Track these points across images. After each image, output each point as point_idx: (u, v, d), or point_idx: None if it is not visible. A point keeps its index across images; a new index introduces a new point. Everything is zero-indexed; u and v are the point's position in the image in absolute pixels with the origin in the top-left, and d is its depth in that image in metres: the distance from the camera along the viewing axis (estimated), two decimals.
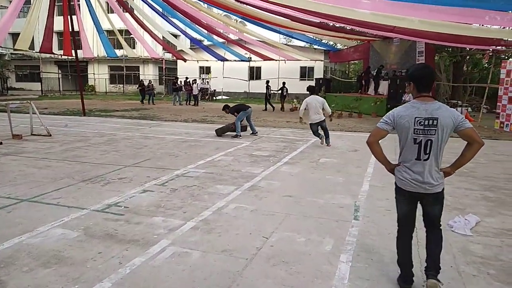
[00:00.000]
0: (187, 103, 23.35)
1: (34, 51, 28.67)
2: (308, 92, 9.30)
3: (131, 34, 26.48)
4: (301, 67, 29.83)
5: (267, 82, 21.49)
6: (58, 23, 21.97)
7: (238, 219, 4.39)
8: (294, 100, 21.79)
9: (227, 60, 27.17)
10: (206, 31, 27.35)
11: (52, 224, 4.12)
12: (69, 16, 16.99)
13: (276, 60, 26.72)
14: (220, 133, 10.54)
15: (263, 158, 7.74)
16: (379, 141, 2.94)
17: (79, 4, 24.64)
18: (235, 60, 27.24)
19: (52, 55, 30.57)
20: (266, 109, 20.34)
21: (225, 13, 21.90)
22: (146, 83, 24.81)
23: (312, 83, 24.66)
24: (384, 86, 18.25)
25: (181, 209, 4.66)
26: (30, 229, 4.00)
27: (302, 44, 28.61)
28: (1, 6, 19.43)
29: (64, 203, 4.82)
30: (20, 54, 34.03)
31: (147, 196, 5.15)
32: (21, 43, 22.52)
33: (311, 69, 29.68)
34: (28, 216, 4.35)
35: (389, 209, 4.72)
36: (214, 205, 4.84)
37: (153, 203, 4.88)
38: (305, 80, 29.72)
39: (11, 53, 34.64)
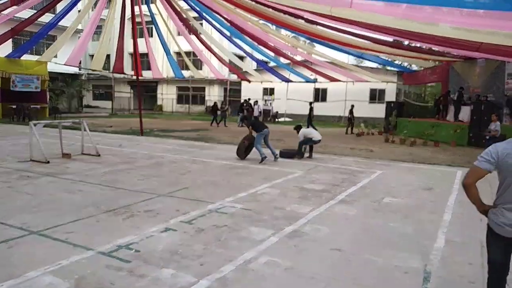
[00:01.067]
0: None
1: (108, 71, 30.41)
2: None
3: (198, 56, 26.95)
4: (371, 89, 28.15)
5: (310, 103, 21.03)
6: (141, 46, 22.94)
7: (266, 281, 3.39)
8: (362, 124, 20.28)
9: (291, 81, 26.44)
10: (273, 54, 27.06)
11: (45, 269, 3.45)
12: (141, 39, 17.38)
13: (344, 82, 25.42)
14: (241, 155, 9.98)
15: (315, 193, 6.65)
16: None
17: (148, 28, 25.76)
18: (299, 82, 26.43)
19: (125, 75, 32.32)
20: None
21: (294, 34, 21.38)
22: (214, 104, 24.63)
23: (383, 106, 23.02)
24: (465, 112, 16.14)
25: (199, 259, 3.77)
26: (18, 273, 3.36)
27: (373, 65, 27.05)
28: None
29: (72, 239, 4.18)
30: (97, 74, 36.35)
31: (166, 237, 4.35)
32: (95, 64, 23.83)
33: (382, 91, 27.86)
34: (26, 255, 3.75)
35: (473, 282, 3.45)
36: (241, 256, 3.88)
37: (170, 247, 4.06)
38: (375, 102, 27.96)
39: (88, 73, 37.15)
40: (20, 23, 18.30)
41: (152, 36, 31.24)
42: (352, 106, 20.58)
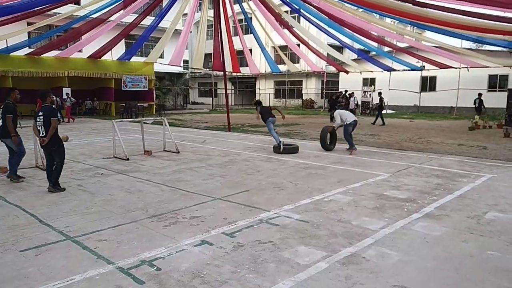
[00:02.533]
0: None
1: (208, 69, 31.60)
2: None
3: (292, 50, 26.27)
4: (490, 76, 24.29)
5: (380, 93, 19.50)
6: (237, 43, 23.24)
7: None
8: (476, 116, 17.44)
9: (394, 70, 24.12)
10: (376, 44, 25.03)
11: (53, 285, 3.18)
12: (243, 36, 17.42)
13: (456, 68, 22.28)
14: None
15: (396, 203, 5.49)
16: None
17: (241, 26, 25.90)
18: (404, 70, 23.96)
19: (228, 73, 33.28)
20: (374, 123, 18.34)
21: (398, 21, 19.31)
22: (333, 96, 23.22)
23: (504, 94, 19.55)
24: None
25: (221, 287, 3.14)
26: None
27: (493, 48, 23.21)
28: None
29: (100, 249, 3.90)
30: (200, 72, 38.14)
31: (197, 253, 3.80)
32: (195, 62, 24.83)
33: (504, 77, 23.80)
34: (45, 266, 3.54)
35: None
36: (272, 287, 3.14)
37: (196, 267, 3.50)
38: (495, 91, 24.03)
39: (192, 72, 39.18)
40: (125, 27, 19.81)
41: (249, 33, 31.56)
42: (480, 94, 18.38)
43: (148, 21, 20.05)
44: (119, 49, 23.90)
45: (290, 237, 4.21)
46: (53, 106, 6.37)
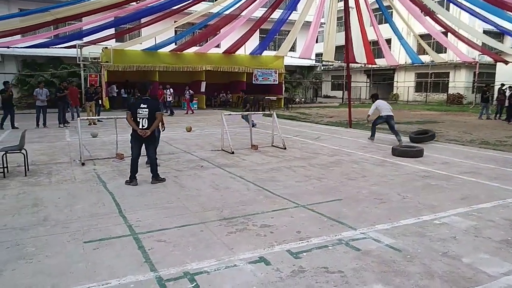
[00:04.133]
0: (496, 117, 17.99)
1: (340, 61, 30.31)
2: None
3: (435, 39, 23.16)
4: None
5: (502, 85, 17.16)
6: (372, 34, 21.72)
7: None
8: None
9: None
10: None
11: (88, 286, 3.02)
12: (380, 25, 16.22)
13: None
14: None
15: None
16: None
17: (376, 15, 23.88)
18: None
19: (362, 65, 31.45)
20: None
21: None
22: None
23: None
24: None
25: None
26: (61, 286, 3.05)
27: None
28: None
29: (154, 251, 3.66)
30: (333, 65, 36.93)
31: (247, 273, 3.24)
32: (326, 55, 24.05)
33: None
34: (95, 263, 3.43)
35: None
36: None
37: None
38: None
39: (324, 65, 38.17)
40: (255, 22, 20.17)
41: (386, 22, 29.13)
42: None
43: (277, 14, 20.02)
44: (253, 43, 24.55)
45: (369, 269, 3.31)
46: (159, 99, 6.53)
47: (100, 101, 16.15)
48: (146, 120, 5.94)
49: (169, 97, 19.92)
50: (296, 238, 3.97)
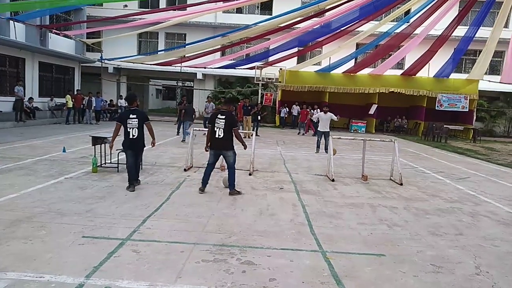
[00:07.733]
0: None
1: None
2: None
3: None
4: None
5: None
6: None
7: None
8: None
9: None
10: None
11: None
12: None
13: None
14: None
15: None
16: None
17: None
18: None
19: None
20: None
21: None
22: None
23: None
24: None
25: None
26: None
27: None
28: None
29: (113, 260, 3.63)
30: None
31: None
32: None
33: None
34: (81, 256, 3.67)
35: None
36: None
37: None
38: None
39: None
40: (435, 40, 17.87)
41: None
42: None
43: (461, 31, 17.24)
44: (438, 64, 21.80)
45: None
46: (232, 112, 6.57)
47: (259, 117, 17.18)
48: (136, 130, 6.35)
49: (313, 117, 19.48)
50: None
